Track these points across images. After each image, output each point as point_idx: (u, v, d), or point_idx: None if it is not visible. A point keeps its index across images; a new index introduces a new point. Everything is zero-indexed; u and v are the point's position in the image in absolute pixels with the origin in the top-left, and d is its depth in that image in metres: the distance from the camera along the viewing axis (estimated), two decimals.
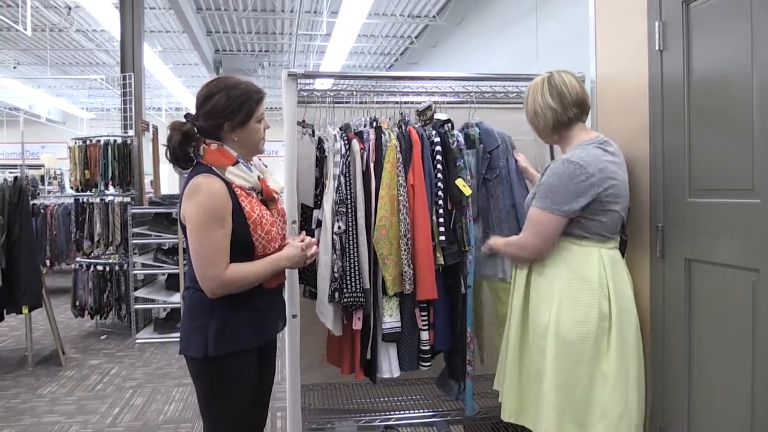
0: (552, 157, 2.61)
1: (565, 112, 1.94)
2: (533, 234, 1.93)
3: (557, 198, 1.85)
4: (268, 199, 1.82)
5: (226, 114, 1.72)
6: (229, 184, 1.70)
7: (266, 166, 1.94)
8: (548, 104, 1.94)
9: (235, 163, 1.73)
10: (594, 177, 1.83)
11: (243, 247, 1.70)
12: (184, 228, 1.71)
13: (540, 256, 1.94)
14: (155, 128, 6.04)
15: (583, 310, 1.84)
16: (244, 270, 1.69)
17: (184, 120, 1.77)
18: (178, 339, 1.78)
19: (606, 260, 1.88)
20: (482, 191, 2.47)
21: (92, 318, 5.41)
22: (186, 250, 1.74)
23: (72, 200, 5.62)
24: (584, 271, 1.87)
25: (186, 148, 1.75)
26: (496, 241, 2.14)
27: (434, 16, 9.45)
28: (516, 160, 2.47)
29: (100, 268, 5.28)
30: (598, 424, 1.83)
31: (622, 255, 1.96)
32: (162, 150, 5.76)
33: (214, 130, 1.75)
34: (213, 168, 1.71)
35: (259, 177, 1.79)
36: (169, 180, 14.90)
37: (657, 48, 1.92)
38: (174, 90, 13.12)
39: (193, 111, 1.79)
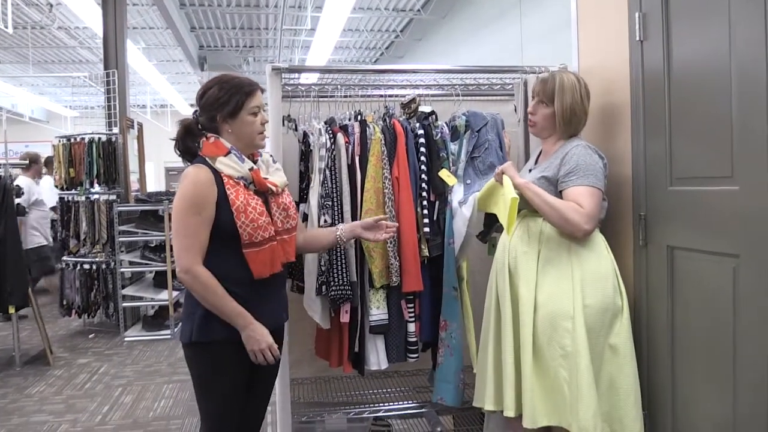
0: (527, 148, 2.60)
1: (588, 115, 2.04)
2: (594, 209, 1.88)
3: (599, 175, 1.91)
4: (262, 190, 1.83)
5: (218, 105, 1.79)
6: (218, 174, 1.76)
7: (275, 162, 1.98)
8: (585, 107, 2.02)
9: (227, 153, 1.78)
10: (605, 160, 1.97)
11: (230, 234, 1.74)
12: None
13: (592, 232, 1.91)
14: (140, 125, 6.00)
15: (604, 284, 1.89)
16: (215, 284, 1.71)
17: (191, 117, 1.89)
18: (167, 336, 1.83)
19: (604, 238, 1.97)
20: (468, 170, 2.44)
21: (80, 317, 5.37)
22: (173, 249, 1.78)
23: (57, 199, 5.56)
24: (597, 245, 1.93)
25: (187, 141, 1.85)
26: (515, 175, 1.98)
27: (419, 10, 9.43)
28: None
29: (86, 266, 5.25)
30: (604, 397, 1.84)
31: None
32: (147, 147, 5.71)
33: (211, 122, 1.82)
34: (206, 159, 1.79)
35: (251, 168, 1.81)
36: (156, 177, 14.80)
37: (638, 39, 1.93)
38: (159, 87, 12.99)
39: (179, 109, 1.86)
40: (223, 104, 1.78)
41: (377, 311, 2.34)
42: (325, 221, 2.28)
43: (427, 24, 9.94)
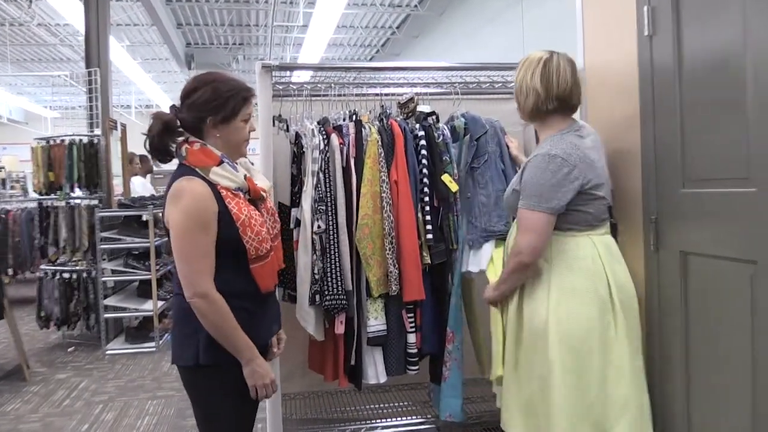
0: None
1: (545, 102, 1.93)
2: (527, 233, 1.89)
3: (545, 195, 1.85)
4: (255, 198, 1.80)
5: (210, 108, 1.71)
6: (213, 186, 1.69)
7: (253, 164, 1.94)
8: (534, 87, 1.93)
9: (220, 163, 1.72)
10: (576, 168, 1.85)
11: (234, 250, 1.69)
12: (168, 232, 1.70)
13: (538, 257, 1.90)
14: (123, 126, 5.96)
15: (582, 300, 1.84)
16: (230, 312, 1.66)
17: (167, 111, 1.77)
18: (151, 349, 1.77)
19: (599, 246, 1.90)
20: (467, 182, 2.45)
21: (59, 329, 5.30)
22: (160, 254, 1.73)
23: (35, 204, 5.52)
24: (577, 259, 1.88)
25: (165, 140, 1.74)
26: (487, 293, 2.08)
27: (416, 6, 9.45)
28: (507, 146, 2.48)
29: (66, 275, 5.17)
30: (620, 419, 1.82)
31: (615, 239, 1.98)
32: (131, 149, 5.55)
33: (197, 123, 1.73)
34: (197, 169, 1.70)
35: (245, 176, 1.78)
36: (141, 181, 14.71)
37: (646, 33, 1.92)
38: (144, 86, 12.97)
39: (165, 110, 1.80)
40: (218, 108, 1.71)
41: (375, 322, 2.33)
42: (319, 227, 2.28)
43: (424, 20, 9.96)
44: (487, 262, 2.24)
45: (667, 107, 1.86)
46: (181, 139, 1.76)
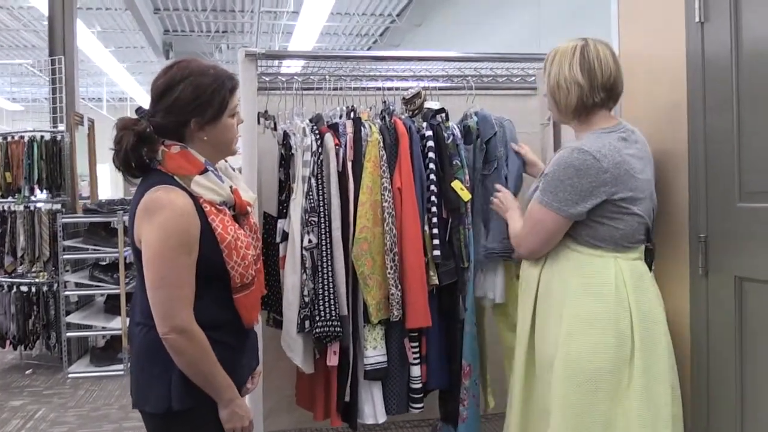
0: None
1: (591, 94, 1.85)
2: (531, 232, 1.92)
3: (561, 195, 1.80)
4: (240, 213, 1.70)
5: (195, 108, 1.59)
6: (195, 199, 1.57)
7: (234, 169, 1.82)
8: (576, 79, 1.85)
9: (203, 171, 1.60)
10: (608, 173, 1.77)
11: (215, 276, 1.58)
12: (137, 252, 1.58)
13: (535, 257, 1.94)
14: (91, 121, 5.92)
15: (597, 334, 1.77)
16: (210, 348, 1.55)
17: (135, 116, 1.62)
18: (119, 372, 1.65)
19: (626, 272, 1.81)
20: (479, 190, 2.43)
21: (15, 349, 5.27)
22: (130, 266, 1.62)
23: None
24: (598, 285, 1.81)
25: (140, 152, 1.59)
26: (509, 204, 2.13)
27: None
28: (518, 153, 2.44)
29: (24, 288, 5.16)
30: None
31: (649, 267, 1.89)
32: (102, 147, 5.45)
33: (178, 128, 1.61)
34: (175, 178, 1.57)
35: (231, 187, 1.67)
36: (113, 182, 14.67)
37: (697, 20, 1.85)
38: (116, 77, 12.98)
39: (140, 103, 1.68)
40: (203, 107, 1.59)
41: (373, 352, 2.31)
42: (310, 241, 2.26)
43: (428, 6, 9.94)
44: (501, 292, 2.23)
45: (721, 106, 1.78)
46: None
